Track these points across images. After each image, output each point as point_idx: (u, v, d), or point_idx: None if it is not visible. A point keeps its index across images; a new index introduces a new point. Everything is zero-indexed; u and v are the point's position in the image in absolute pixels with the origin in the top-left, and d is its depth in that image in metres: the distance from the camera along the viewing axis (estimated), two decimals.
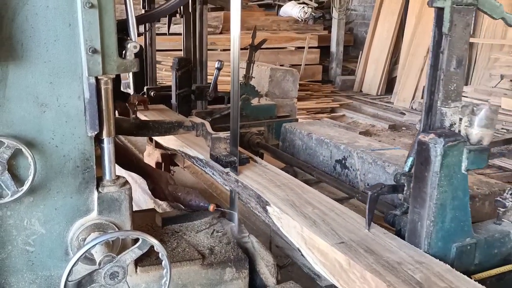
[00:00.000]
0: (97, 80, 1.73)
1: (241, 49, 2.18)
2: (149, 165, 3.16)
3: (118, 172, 1.93)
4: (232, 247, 2.20)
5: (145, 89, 3.89)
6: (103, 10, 1.65)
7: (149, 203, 3.07)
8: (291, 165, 3.06)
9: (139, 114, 3.21)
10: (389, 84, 11.03)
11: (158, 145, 3.53)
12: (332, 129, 3.33)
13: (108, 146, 1.84)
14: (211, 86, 3.63)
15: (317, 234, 1.79)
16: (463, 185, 1.71)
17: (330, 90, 11.07)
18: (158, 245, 1.72)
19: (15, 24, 1.58)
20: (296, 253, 1.95)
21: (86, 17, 1.63)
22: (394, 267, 1.59)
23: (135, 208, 2.05)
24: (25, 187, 1.67)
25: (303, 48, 11.00)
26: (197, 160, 2.65)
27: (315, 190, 2.23)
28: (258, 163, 2.51)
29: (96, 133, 1.77)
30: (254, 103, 3.96)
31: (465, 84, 9.58)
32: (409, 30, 10.32)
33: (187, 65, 3.73)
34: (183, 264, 2.05)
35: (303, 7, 11.97)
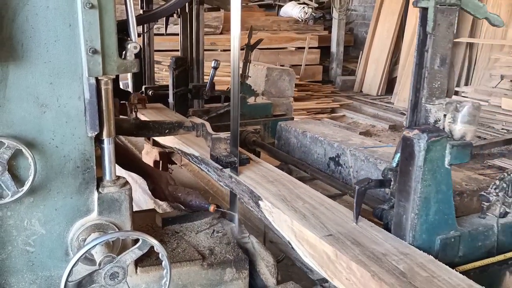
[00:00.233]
0: (97, 81, 1.73)
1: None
2: (149, 165, 3.16)
3: (118, 172, 1.93)
4: (232, 247, 2.20)
5: (143, 88, 3.93)
6: (103, 10, 1.65)
7: (149, 203, 3.07)
8: (286, 163, 3.09)
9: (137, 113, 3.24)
10: (390, 84, 11.03)
11: (156, 143, 3.55)
12: (326, 127, 3.36)
13: (108, 147, 1.84)
14: (207, 85, 3.66)
15: (306, 227, 1.83)
16: (446, 179, 1.75)
17: (330, 90, 11.07)
18: (158, 246, 1.72)
19: (16, 24, 1.58)
20: (291, 249, 1.98)
21: (86, 17, 1.63)
22: (379, 258, 1.63)
23: (135, 208, 2.05)
24: (25, 187, 1.67)
25: (304, 48, 11.00)
26: (193, 157, 2.69)
27: (306, 186, 2.26)
28: (252, 160, 2.54)
29: (96, 133, 1.77)
30: (251, 102, 3.98)
31: (465, 84, 9.60)
32: (409, 30, 10.32)
33: (184, 65, 3.76)
34: (183, 264, 2.05)
35: (304, 7, 11.97)
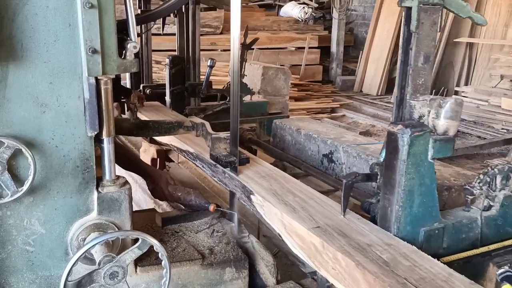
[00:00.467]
0: (97, 80, 1.73)
1: None
2: (149, 165, 3.17)
3: (118, 172, 1.93)
4: (232, 247, 2.20)
5: (141, 87, 3.96)
6: (103, 10, 1.65)
7: (149, 203, 3.07)
8: (281, 160, 3.13)
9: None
10: (390, 84, 11.01)
11: (153, 141, 3.58)
12: (320, 125, 3.42)
13: (108, 146, 1.84)
14: (203, 84, 3.68)
15: (295, 219, 1.88)
16: (430, 172, 1.80)
17: (331, 90, 11.06)
18: (158, 245, 1.73)
19: (15, 24, 1.58)
20: (283, 243, 2.02)
21: (86, 17, 1.63)
22: (364, 248, 1.69)
23: (135, 208, 2.06)
24: (25, 187, 1.67)
25: (304, 48, 10.99)
26: (188, 153, 2.73)
27: (297, 180, 2.31)
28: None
29: (96, 133, 1.77)
30: (247, 100, 4.00)
31: (465, 84, 9.60)
32: None
33: (180, 63, 3.80)
34: (183, 264, 2.05)
35: (304, 7, 11.96)
